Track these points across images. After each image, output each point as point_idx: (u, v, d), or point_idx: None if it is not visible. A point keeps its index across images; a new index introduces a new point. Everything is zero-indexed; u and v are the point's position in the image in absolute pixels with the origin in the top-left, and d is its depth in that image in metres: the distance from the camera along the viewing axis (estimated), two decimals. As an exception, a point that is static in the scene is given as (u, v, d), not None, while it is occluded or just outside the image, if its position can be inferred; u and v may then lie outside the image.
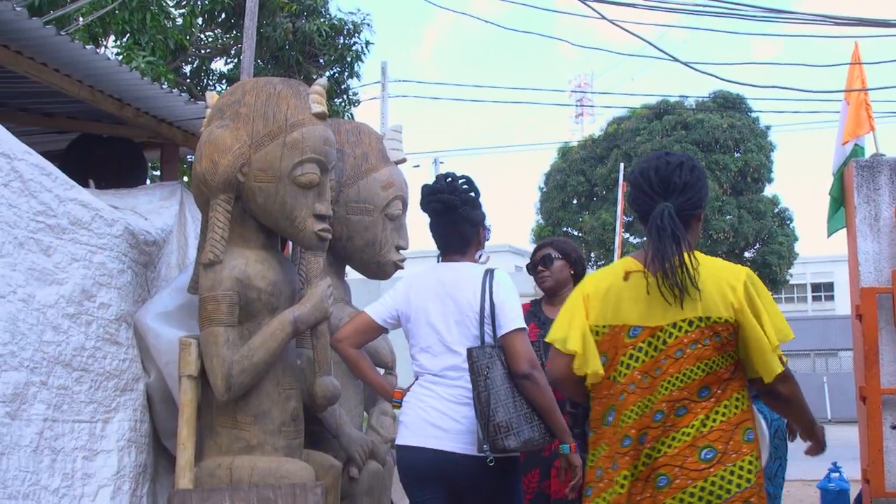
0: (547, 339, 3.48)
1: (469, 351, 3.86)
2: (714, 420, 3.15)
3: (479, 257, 4.25)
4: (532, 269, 5.19)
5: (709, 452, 3.11)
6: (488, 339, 3.94)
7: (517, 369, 3.87)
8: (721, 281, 3.21)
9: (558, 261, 5.10)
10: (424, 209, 4.23)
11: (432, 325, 4.02)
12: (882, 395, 8.04)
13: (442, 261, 4.21)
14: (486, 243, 4.39)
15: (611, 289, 3.32)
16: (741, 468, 3.13)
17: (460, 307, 4.00)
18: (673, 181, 3.27)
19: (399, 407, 4.09)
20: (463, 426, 3.89)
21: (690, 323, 3.18)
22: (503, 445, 3.77)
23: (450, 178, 4.17)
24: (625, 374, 3.22)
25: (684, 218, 3.27)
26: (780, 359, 3.20)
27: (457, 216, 4.10)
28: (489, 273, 4.04)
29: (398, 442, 4.03)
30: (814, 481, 10.32)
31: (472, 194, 4.16)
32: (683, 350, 3.18)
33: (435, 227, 4.22)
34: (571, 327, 3.31)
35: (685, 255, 3.18)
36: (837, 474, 8.84)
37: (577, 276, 5.15)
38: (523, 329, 3.97)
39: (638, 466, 3.16)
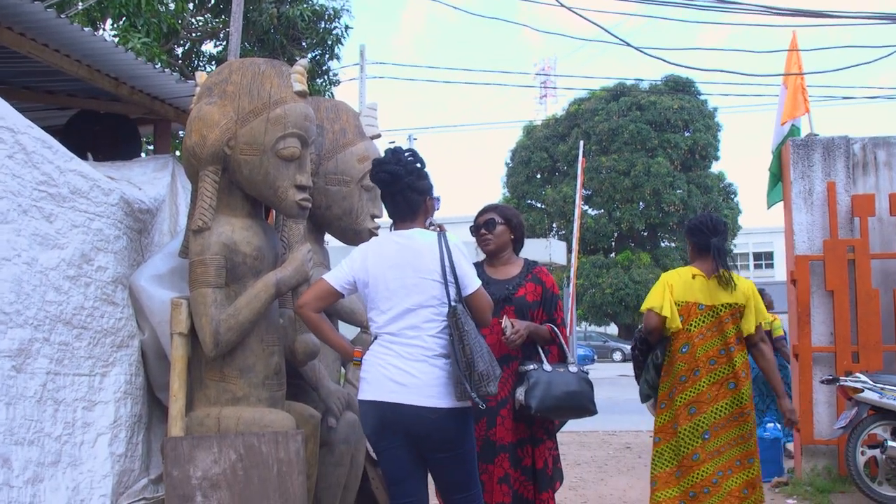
0: (645, 307, 5.32)
1: (453, 309, 3.93)
2: (744, 357, 5.28)
3: (429, 225, 4.25)
4: (475, 231, 5.18)
5: (744, 374, 5.23)
6: (449, 299, 3.99)
7: (488, 320, 4.18)
8: (743, 284, 5.32)
9: (500, 226, 5.08)
10: (373, 180, 4.22)
11: (391, 290, 4.01)
12: (812, 352, 8.18)
13: (395, 229, 4.22)
14: (454, 214, 4.43)
15: (685, 282, 5.30)
16: (750, 386, 5.30)
17: (418, 271, 4.01)
18: (719, 228, 5.36)
19: (359, 365, 4.10)
20: (420, 381, 3.92)
21: (730, 305, 5.25)
22: (486, 391, 3.87)
23: (396, 151, 4.18)
24: (696, 328, 5.23)
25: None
26: (763, 330, 5.41)
27: (403, 185, 4.09)
28: (442, 237, 4.09)
29: (360, 397, 4.03)
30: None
31: (418, 165, 4.16)
32: (729, 318, 5.24)
33: (384, 197, 4.22)
34: (664, 301, 5.21)
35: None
36: (772, 424, 8.97)
37: (516, 241, 5.16)
38: (482, 286, 4.12)
39: (715, 376, 5.20)
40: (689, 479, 5.20)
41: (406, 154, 4.16)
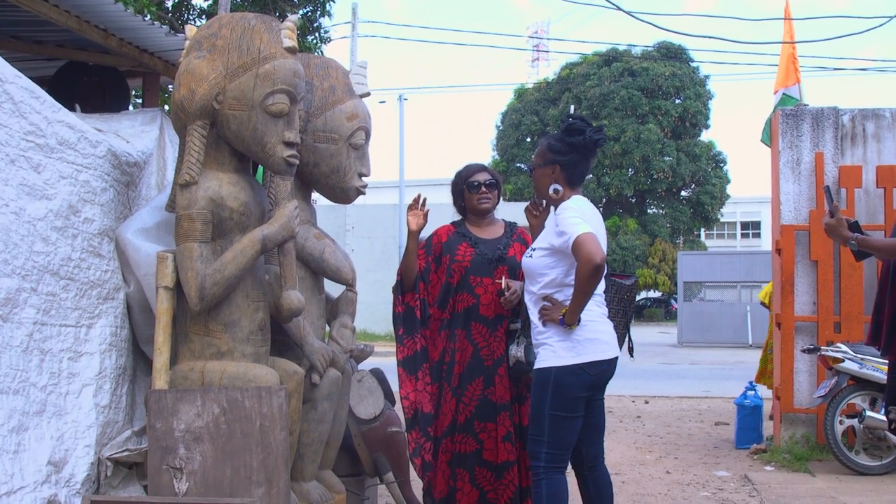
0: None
1: (637, 280, 4.55)
2: None
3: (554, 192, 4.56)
4: (474, 188, 5.23)
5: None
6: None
7: None
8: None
9: (496, 187, 5.27)
10: (593, 145, 4.43)
11: (604, 251, 4.25)
12: (795, 321, 8.26)
13: (575, 194, 4.46)
14: (442, 175, 4.52)
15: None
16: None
17: (605, 240, 4.37)
18: None
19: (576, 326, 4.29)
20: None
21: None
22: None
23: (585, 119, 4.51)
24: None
25: None
26: None
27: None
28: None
29: (603, 357, 4.33)
30: (732, 398, 10.58)
31: None
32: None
33: (581, 164, 4.48)
34: (766, 293, 10.27)
35: None
36: (753, 392, 9.07)
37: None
38: None
39: None
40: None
41: None
